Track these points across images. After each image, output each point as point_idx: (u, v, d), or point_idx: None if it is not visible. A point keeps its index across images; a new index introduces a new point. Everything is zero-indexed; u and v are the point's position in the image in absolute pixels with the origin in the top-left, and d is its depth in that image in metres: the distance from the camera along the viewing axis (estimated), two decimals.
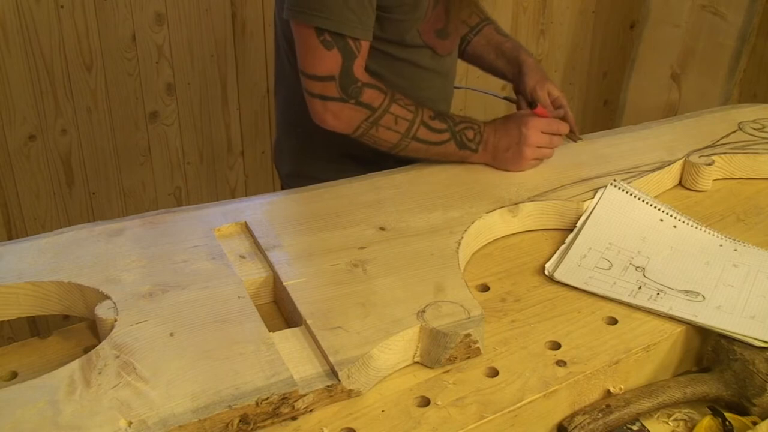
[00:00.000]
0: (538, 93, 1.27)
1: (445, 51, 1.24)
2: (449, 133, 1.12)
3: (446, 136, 1.12)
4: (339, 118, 1.10)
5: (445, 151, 1.13)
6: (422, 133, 1.11)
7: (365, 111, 1.09)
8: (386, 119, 1.09)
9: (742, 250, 0.99)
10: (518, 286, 0.93)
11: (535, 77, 1.29)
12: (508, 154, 1.13)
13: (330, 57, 1.07)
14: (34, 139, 1.91)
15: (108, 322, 0.80)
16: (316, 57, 1.07)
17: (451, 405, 0.75)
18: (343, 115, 1.09)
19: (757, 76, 2.43)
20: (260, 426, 0.71)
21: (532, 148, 1.13)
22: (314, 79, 1.08)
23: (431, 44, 1.20)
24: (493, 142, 1.14)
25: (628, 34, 2.74)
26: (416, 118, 1.11)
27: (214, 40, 2.05)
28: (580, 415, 0.77)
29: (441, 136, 1.12)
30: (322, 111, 1.10)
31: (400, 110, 1.10)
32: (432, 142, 1.12)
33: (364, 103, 1.09)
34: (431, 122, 1.11)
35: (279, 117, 1.36)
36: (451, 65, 1.29)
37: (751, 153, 1.20)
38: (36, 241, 0.92)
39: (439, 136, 1.12)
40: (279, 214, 1.01)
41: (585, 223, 1.03)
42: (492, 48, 1.36)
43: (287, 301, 0.86)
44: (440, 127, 1.12)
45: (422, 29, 1.18)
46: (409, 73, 1.20)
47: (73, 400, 0.70)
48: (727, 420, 0.77)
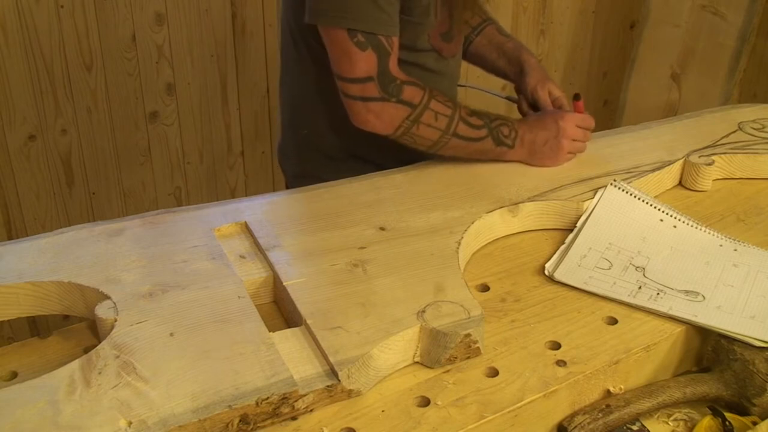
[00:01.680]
0: (539, 93, 1.27)
1: (450, 53, 1.24)
2: (486, 129, 1.12)
3: (484, 132, 1.12)
4: (381, 118, 1.09)
5: (483, 148, 1.13)
6: (462, 130, 1.11)
7: (406, 109, 1.09)
8: (427, 116, 1.09)
9: (742, 250, 0.99)
10: (518, 286, 0.93)
11: (536, 77, 1.29)
12: (546, 148, 1.14)
13: (366, 58, 1.06)
14: (34, 139, 1.91)
15: (108, 322, 0.80)
16: (351, 59, 1.07)
17: (451, 405, 0.75)
18: (385, 115, 1.09)
19: (757, 76, 2.43)
20: (260, 426, 0.71)
21: (569, 141, 1.15)
22: (352, 81, 1.08)
23: (437, 47, 1.20)
24: (529, 138, 1.15)
25: (628, 34, 2.74)
26: (455, 114, 1.11)
27: (214, 40, 2.05)
28: (580, 415, 0.77)
29: (479, 132, 1.12)
30: (363, 112, 1.09)
31: (440, 106, 1.10)
32: (471, 138, 1.12)
33: (405, 100, 1.08)
34: (469, 118, 1.12)
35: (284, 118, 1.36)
36: (455, 67, 1.30)
37: (751, 153, 1.20)
38: (36, 241, 0.92)
39: (477, 132, 1.12)
40: (279, 214, 1.01)
41: (585, 223, 1.03)
42: (494, 48, 1.36)
43: (287, 301, 0.86)
44: (478, 123, 1.12)
45: (430, 33, 1.18)
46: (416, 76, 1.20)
47: (73, 400, 0.70)
48: (727, 420, 0.77)
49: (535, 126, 1.16)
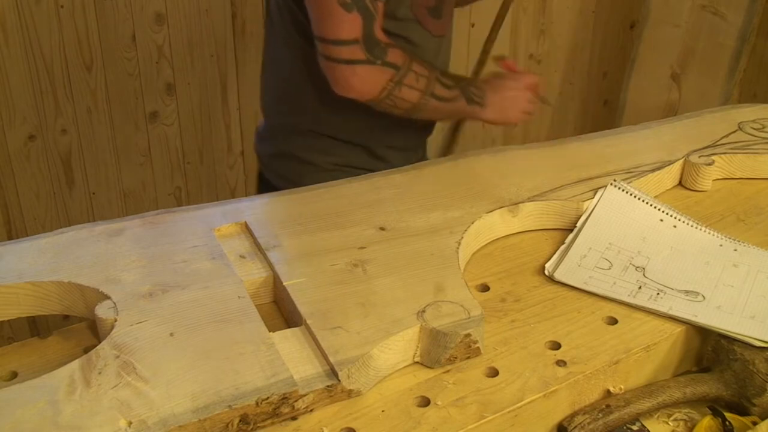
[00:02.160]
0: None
1: (437, 31, 1.24)
2: (458, 89, 1.16)
3: (457, 92, 1.15)
4: (366, 81, 1.10)
5: (457, 108, 1.17)
6: (438, 90, 1.14)
7: (391, 71, 1.10)
8: (409, 78, 1.11)
9: (742, 250, 0.99)
10: (518, 286, 0.93)
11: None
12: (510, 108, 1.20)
13: (351, 20, 1.06)
14: (34, 139, 1.91)
15: (108, 322, 0.80)
16: (337, 21, 1.06)
17: (451, 405, 0.75)
18: (370, 78, 1.10)
19: (757, 76, 2.43)
20: (260, 426, 0.71)
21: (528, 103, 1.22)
22: (338, 44, 1.08)
23: (422, 21, 1.20)
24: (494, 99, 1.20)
25: (628, 34, 2.74)
26: (432, 74, 1.13)
27: (214, 40, 2.05)
28: (580, 415, 0.77)
29: (453, 93, 1.15)
30: (348, 75, 1.09)
31: (420, 68, 1.12)
32: (446, 99, 1.15)
33: (390, 62, 1.10)
34: (443, 78, 1.14)
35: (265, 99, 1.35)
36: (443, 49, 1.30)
37: (751, 153, 1.20)
38: (36, 241, 0.92)
39: (451, 92, 1.15)
40: (279, 214, 1.01)
41: (585, 223, 1.03)
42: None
43: (287, 301, 0.86)
44: (451, 83, 1.15)
45: (413, 3, 1.18)
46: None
47: (73, 400, 0.70)
48: (727, 420, 0.77)
49: (496, 87, 1.22)
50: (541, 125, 2.76)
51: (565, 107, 2.78)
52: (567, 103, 2.78)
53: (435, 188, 1.08)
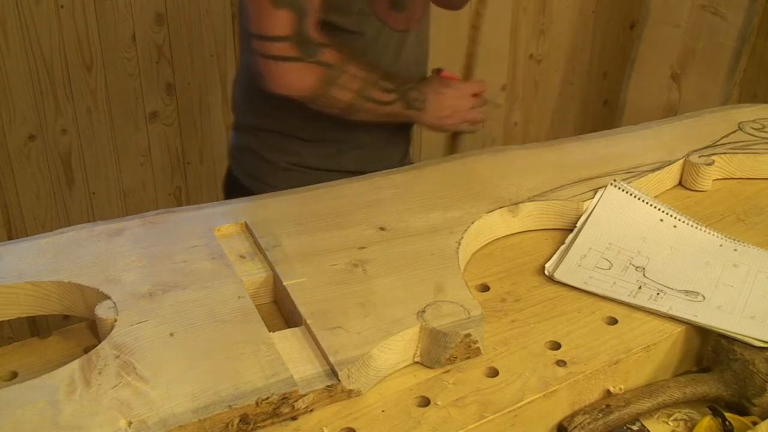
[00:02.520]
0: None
1: (400, 26, 1.22)
2: (397, 93, 1.15)
3: (394, 96, 1.15)
4: (297, 79, 1.08)
5: (394, 111, 1.16)
6: (375, 93, 1.13)
7: (323, 70, 1.08)
8: (343, 78, 1.10)
9: (742, 250, 0.99)
10: (518, 286, 0.93)
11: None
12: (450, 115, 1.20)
13: (282, 16, 1.05)
14: (34, 139, 1.91)
15: (108, 322, 0.80)
16: (267, 17, 1.05)
17: (451, 405, 0.75)
18: (301, 75, 1.08)
19: (757, 76, 2.43)
20: (260, 426, 0.71)
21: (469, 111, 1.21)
22: (270, 40, 1.06)
23: (382, 16, 1.18)
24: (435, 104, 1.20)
25: (628, 34, 2.74)
26: (369, 76, 1.13)
27: (214, 40, 2.05)
28: (580, 415, 0.77)
29: (391, 96, 1.15)
30: (280, 72, 1.08)
31: (356, 69, 1.11)
32: (384, 102, 1.15)
33: (322, 61, 1.08)
34: (382, 81, 1.14)
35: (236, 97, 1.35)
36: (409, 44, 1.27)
37: (751, 153, 1.20)
38: (36, 241, 0.92)
39: (389, 96, 1.15)
40: (279, 214, 1.01)
41: (585, 223, 1.03)
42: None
43: (287, 301, 0.86)
44: (389, 87, 1.15)
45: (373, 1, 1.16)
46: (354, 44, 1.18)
47: (73, 400, 0.70)
48: (727, 420, 0.77)
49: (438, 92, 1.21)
50: (541, 125, 2.76)
51: (565, 107, 2.78)
52: (567, 103, 2.78)
53: (435, 188, 1.08)
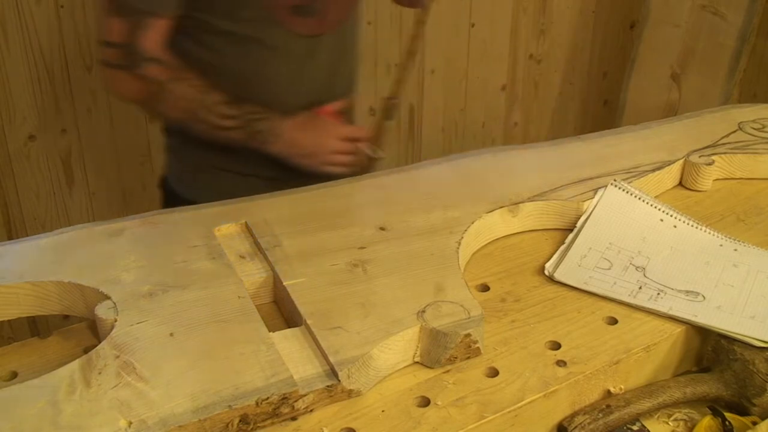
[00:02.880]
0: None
1: (310, 31, 1.17)
2: (236, 121, 1.12)
3: (232, 123, 1.12)
4: (122, 86, 1.10)
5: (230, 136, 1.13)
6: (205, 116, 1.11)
7: (147, 84, 1.09)
8: (168, 96, 1.10)
9: (742, 250, 0.99)
10: (518, 286, 0.93)
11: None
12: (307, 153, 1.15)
13: (115, 24, 1.07)
14: (34, 139, 1.91)
15: (108, 322, 0.80)
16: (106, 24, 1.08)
17: (451, 405, 0.75)
18: (126, 84, 1.10)
19: (757, 76, 2.43)
20: (260, 426, 0.71)
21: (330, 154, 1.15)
22: (105, 46, 1.09)
23: (283, 22, 1.14)
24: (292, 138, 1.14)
25: (628, 34, 2.74)
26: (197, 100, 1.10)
27: None
28: (580, 415, 0.77)
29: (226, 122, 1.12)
30: (109, 77, 1.11)
31: (185, 90, 1.10)
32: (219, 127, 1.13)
33: (147, 75, 1.08)
34: (217, 108, 1.11)
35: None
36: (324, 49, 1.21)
37: (751, 153, 1.20)
38: (36, 241, 0.92)
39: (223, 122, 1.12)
40: (279, 214, 1.00)
41: (585, 223, 1.03)
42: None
43: (287, 301, 0.86)
44: (227, 113, 1.12)
45: (273, 3, 1.12)
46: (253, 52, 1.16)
47: (73, 400, 0.70)
48: (727, 420, 0.77)
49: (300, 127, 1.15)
50: (541, 125, 2.76)
51: (565, 107, 2.78)
52: (567, 103, 2.78)
53: (435, 188, 1.08)
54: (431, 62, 2.40)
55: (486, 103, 2.58)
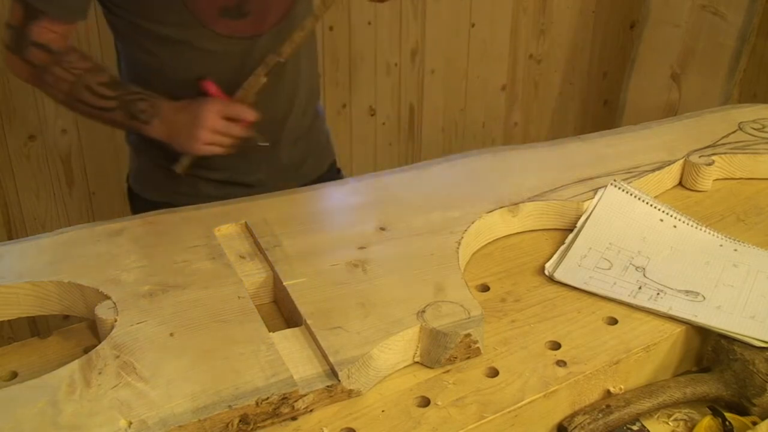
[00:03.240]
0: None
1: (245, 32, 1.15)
2: (116, 101, 1.13)
3: (112, 103, 1.13)
4: (13, 67, 1.16)
5: (113, 118, 1.14)
6: (86, 97, 1.13)
7: (28, 67, 1.13)
8: (48, 78, 1.13)
9: (742, 250, 0.99)
10: (518, 286, 0.93)
11: None
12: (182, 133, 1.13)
13: (15, 8, 1.11)
14: (34, 139, 1.91)
15: (108, 322, 0.80)
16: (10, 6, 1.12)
17: (451, 405, 0.75)
18: (14, 65, 1.15)
19: (757, 76, 2.43)
20: (260, 426, 0.71)
21: (208, 132, 1.11)
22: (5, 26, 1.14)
23: (211, 25, 1.13)
24: (170, 118, 1.13)
25: (628, 34, 2.74)
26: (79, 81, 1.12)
27: None
28: (580, 415, 0.77)
29: (108, 103, 1.13)
30: (4, 58, 1.15)
31: (62, 73, 1.12)
32: (98, 107, 1.13)
33: (28, 59, 1.13)
34: (98, 88, 1.13)
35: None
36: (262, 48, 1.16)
37: (751, 153, 1.20)
38: (36, 241, 0.92)
39: (104, 102, 1.13)
40: (279, 214, 1.01)
41: (585, 223, 1.03)
42: None
43: (287, 301, 0.86)
44: (108, 94, 1.13)
45: (198, 6, 1.11)
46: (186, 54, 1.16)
47: (73, 400, 0.70)
48: (727, 420, 0.77)
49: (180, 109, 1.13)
50: (541, 125, 2.76)
51: (565, 107, 2.78)
52: (567, 103, 2.78)
53: (435, 188, 1.08)
54: (431, 62, 2.40)
55: (486, 103, 2.58)
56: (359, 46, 2.25)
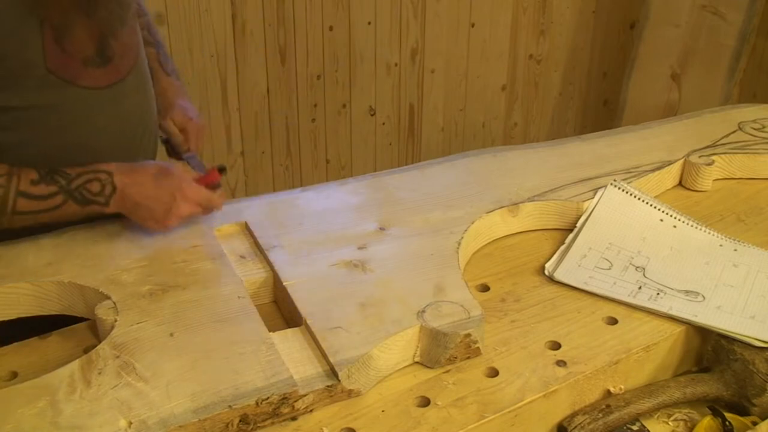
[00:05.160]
0: (162, 125, 1.10)
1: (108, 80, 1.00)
2: (63, 195, 0.93)
3: (58, 199, 0.93)
4: None
5: (65, 213, 0.94)
6: (23, 206, 0.91)
7: None
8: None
9: (742, 250, 0.99)
10: (518, 286, 0.93)
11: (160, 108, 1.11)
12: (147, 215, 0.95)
13: None
14: None
15: (108, 322, 0.80)
16: None
17: (451, 405, 0.75)
18: None
19: (757, 76, 2.43)
20: (260, 426, 0.71)
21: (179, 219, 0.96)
22: None
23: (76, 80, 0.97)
24: (132, 196, 0.95)
25: (628, 34, 2.74)
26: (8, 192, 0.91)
27: (214, 40, 2.04)
28: (580, 415, 0.77)
29: (51, 202, 0.93)
30: None
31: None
32: (41, 210, 0.92)
33: None
34: (32, 188, 0.92)
35: None
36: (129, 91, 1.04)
37: (751, 153, 1.20)
38: (36, 241, 0.92)
39: (47, 202, 0.93)
40: (279, 214, 1.01)
41: (585, 223, 1.03)
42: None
43: (287, 301, 0.86)
44: (47, 191, 0.92)
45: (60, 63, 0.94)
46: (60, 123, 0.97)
47: (73, 400, 0.70)
48: (727, 420, 0.77)
49: (145, 190, 0.96)
50: (541, 125, 2.76)
51: (565, 107, 2.78)
52: (567, 103, 2.78)
53: (435, 188, 1.08)
54: (431, 62, 2.40)
55: (486, 103, 2.58)
56: (359, 46, 2.25)
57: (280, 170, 2.31)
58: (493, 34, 2.48)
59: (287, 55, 2.16)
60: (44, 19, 0.91)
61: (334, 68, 2.24)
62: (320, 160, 2.36)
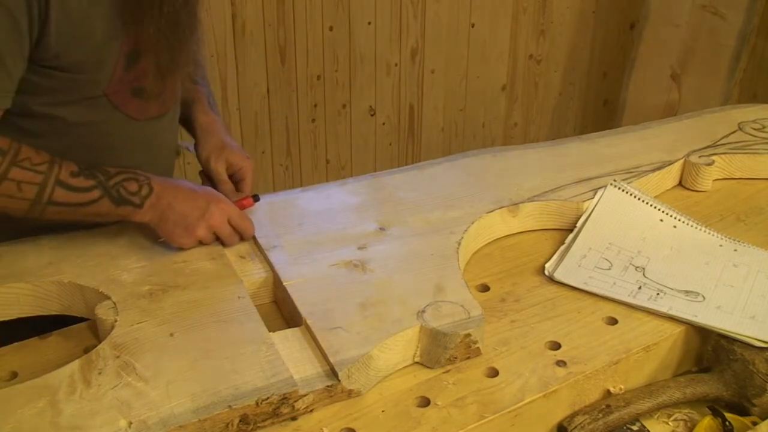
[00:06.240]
0: (213, 165, 1.09)
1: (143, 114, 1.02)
2: (100, 190, 0.92)
3: (96, 194, 0.92)
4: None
5: (98, 211, 0.93)
6: (61, 196, 0.90)
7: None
8: (6, 187, 0.88)
9: (742, 250, 0.99)
10: (518, 286, 0.93)
11: (210, 145, 1.11)
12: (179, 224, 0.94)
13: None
14: None
15: (108, 322, 0.80)
16: None
17: (451, 405, 0.75)
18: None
19: (757, 76, 2.43)
20: (260, 426, 0.71)
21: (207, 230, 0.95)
22: None
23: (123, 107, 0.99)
24: (166, 203, 0.95)
25: (628, 34, 2.74)
26: (48, 179, 0.90)
27: (213, 40, 2.04)
28: (580, 415, 0.77)
29: (89, 195, 0.92)
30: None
31: (24, 174, 0.89)
32: (77, 204, 0.92)
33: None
34: (72, 180, 0.91)
35: None
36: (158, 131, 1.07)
37: (751, 153, 1.20)
38: (36, 241, 0.92)
39: (85, 195, 0.92)
40: (279, 214, 1.01)
41: (585, 223, 1.03)
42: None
43: (287, 301, 0.86)
44: (86, 184, 0.92)
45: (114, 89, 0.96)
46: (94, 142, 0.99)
47: (73, 400, 0.70)
48: (727, 420, 0.77)
49: (180, 195, 0.96)
50: (541, 125, 2.76)
51: (565, 107, 2.78)
52: (567, 103, 2.78)
53: (435, 188, 1.08)
54: (431, 62, 2.40)
55: (486, 103, 2.58)
56: (359, 46, 2.25)
57: (280, 170, 2.31)
58: (493, 35, 2.48)
59: (287, 55, 2.16)
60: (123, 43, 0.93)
61: (334, 68, 2.24)
62: (320, 160, 2.36)
